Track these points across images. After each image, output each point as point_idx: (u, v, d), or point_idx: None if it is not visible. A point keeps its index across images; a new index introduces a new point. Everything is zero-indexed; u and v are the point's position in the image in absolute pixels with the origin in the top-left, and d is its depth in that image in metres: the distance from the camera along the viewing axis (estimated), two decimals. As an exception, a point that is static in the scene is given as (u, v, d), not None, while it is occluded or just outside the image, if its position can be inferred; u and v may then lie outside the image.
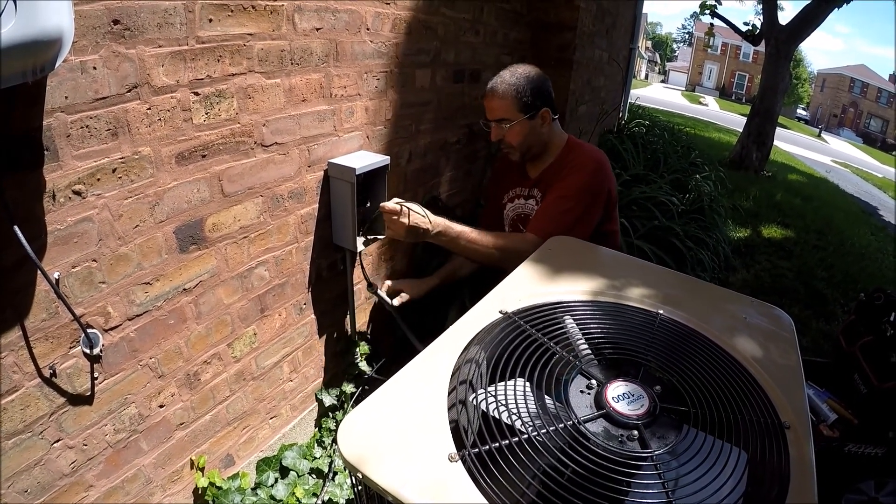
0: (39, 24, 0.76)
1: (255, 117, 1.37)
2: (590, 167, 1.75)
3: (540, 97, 1.74)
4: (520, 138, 1.76)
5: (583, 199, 1.70)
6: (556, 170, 1.81)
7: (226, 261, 1.41)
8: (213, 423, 1.52)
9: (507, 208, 1.99)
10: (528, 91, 1.72)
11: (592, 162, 1.77)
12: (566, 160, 1.80)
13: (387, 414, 0.79)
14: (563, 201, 1.70)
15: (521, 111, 1.72)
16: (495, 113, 1.75)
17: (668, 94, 34.61)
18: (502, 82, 1.73)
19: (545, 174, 1.84)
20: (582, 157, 1.78)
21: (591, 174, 1.75)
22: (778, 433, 0.79)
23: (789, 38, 8.11)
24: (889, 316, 2.34)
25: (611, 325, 1.00)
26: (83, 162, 1.03)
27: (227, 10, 1.22)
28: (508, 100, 1.72)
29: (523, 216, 1.91)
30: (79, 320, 1.07)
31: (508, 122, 1.73)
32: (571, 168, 1.76)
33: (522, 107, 1.72)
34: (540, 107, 1.75)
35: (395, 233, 1.62)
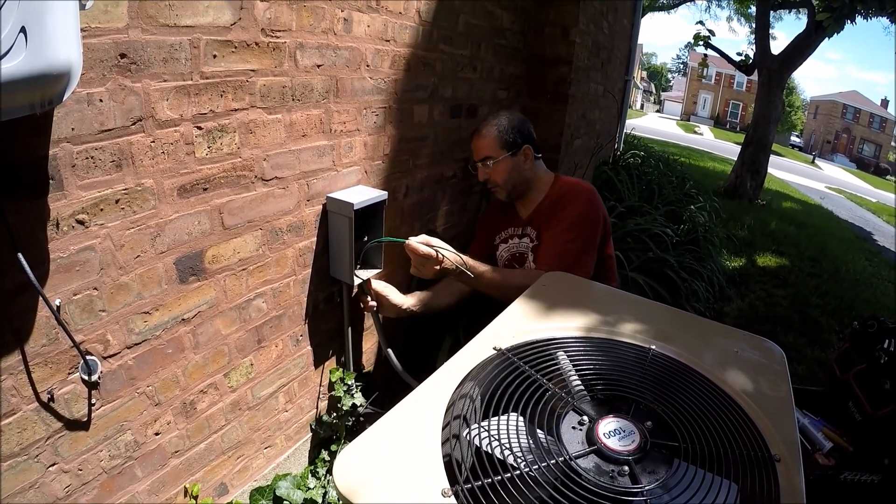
0: (49, 57, 0.77)
1: (257, 152, 1.40)
2: (583, 197, 1.82)
3: (520, 135, 1.86)
4: (504, 175, 1.86)
5: (583, 229, 1.76)
6: (548, 206, 1.88)
7: (224, 292, 1.42)
8: (207, 452, 1.52)
9: (500, 249, 2.03)
10: (509, 129, 1.85)
11: (584, 192, 1.83)
12: (557, 195, 1.87)
13: (382, 448, 0.80)
14: (565, 234, 1.75)
15: (503, 148, 1.84)
16: (480, 152, 1.87)
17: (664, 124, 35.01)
18: (485, 124, 1.87)
19: (537, 212, 1.91)
20: (573, 189, 1.86)
21: (586, 203, 1.81)
22: (768, 465, 0.80)
23: (781, 68, 8.27)
24: (883, 343, 2.36)
25: (603, 361, 1.01)
26: (87, 192, 1.05)
27: (230, 46, 1.26)
28: (490, 138, 1.84)
29: (518, 255, 1.96)
30: (78, 347, 1.08)
31: (492, 159, 1.85)
32: (565, 201, 1.83)
33: (504, 144, 1.84)
34: (521, 144, 1.86)
35: (425, 275, 1.68)
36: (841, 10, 6.65)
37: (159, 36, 1.10)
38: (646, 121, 33.07)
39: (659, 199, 4.15)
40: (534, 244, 1.89)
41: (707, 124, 45.04)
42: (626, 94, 5.45)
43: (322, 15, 1.48)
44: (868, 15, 6.88)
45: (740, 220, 6.76)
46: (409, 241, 1.62)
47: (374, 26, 1.68)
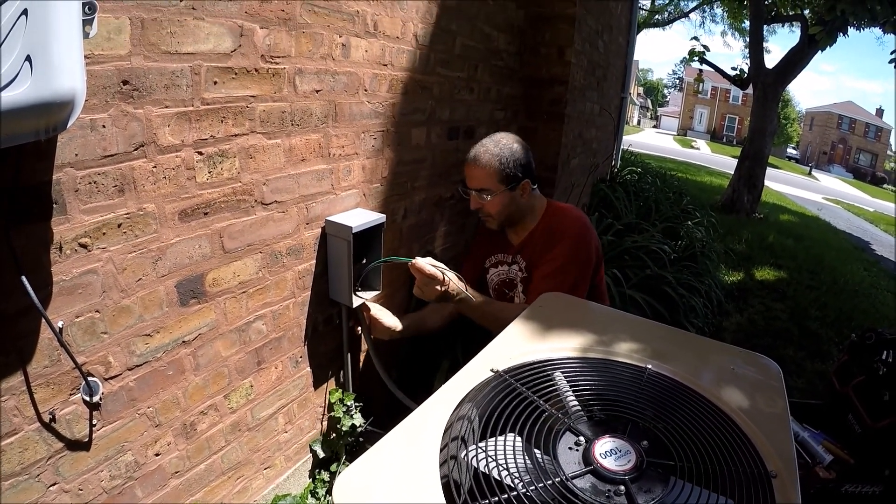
0: (54, 85, 0.78)
1: (256, 176, 1.42)
2: (575, 232, 1.77)
3: (522, 169, 1.77)
4: (499, 208, 1.78)
5: (574, 266, 1.73)
6: (539, 237, 1.83)
7: (225, 315, 1.43)
8: (207, 473, 1.52)
9: (490, 273, 2.00)
10: (511, 163, 1.74)
11: (577, 227, 1.79)
12: (549, 226, 1.82)
13: (381, 469, 0.81)
14: (557, 273, 1.72)
15: (502, 182, 1.74)
16: (476, 182, 1.77)
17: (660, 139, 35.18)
18: (485, 152, 1.74)
19: (528, 241, 1.86)
20: (565, 222, 1.80)
21: (578, 240, 1.77)
22: (765, 482, 0.81)
23: (776, 81, 8.34)
24: (881, 355, 2.37)
25: (599, 381, 1.02)
26: (90, 216, 1.07)
27: (231, 72, 1.28)
28: (490, 170, 1.73)
29: (508, 281, 1.92)
30: (80, 368, 1.09)
31: (489, 192, 1.75)
32: (558, 235, 1.78)
33: (504, 178, 1.74)
34: (521, 179, 1.77)
35: (427, 296, 1.65)
36: (833, 23, 6.73)
37: (161, 63, 1.12)
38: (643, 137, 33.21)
39: (656, 216, 4.17)
40: (524, 275, 1.85)
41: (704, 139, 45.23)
42: (623, 110, 5.50)
43: (321, 41, 1.51)
44: (861, 26, 6.96)
45: (738, 234, 6.78)
46: (415, 260, 1.61)
47: (372, 51, 1.72)
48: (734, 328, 3.91)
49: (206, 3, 1.18)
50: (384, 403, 2.07)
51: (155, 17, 1.09)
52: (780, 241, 7.13)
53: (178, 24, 1.14)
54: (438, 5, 2.00)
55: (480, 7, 2.32)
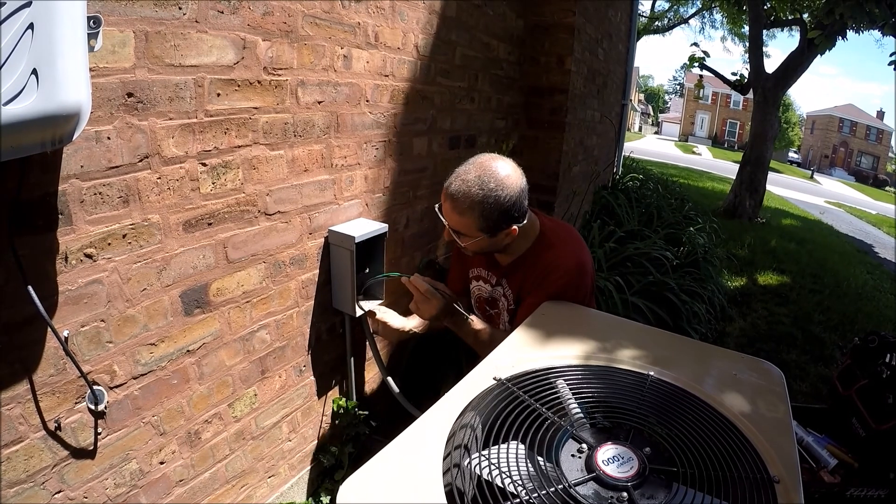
0: (60, 99, 0.80)
1: (260, 187, 1.43)
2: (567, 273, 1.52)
3: (506, 218, 1.45)
4: (476, 248, 1.54)
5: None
6: (529, 265, 1.59)
7: (228, 324, 1.44)
8: (212, 481, 1.52)
9: (472, 284, 1.83)
10: (496, 214, 1.43)
11: (571, 267, 1.53)
12: (541, 258, 1.57)
13: (385, 478, 0.81)
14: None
15: (481, 231, 1.45)
16: (452, 223, 1.49)
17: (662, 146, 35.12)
18: (466, 196, 1.42)
19: (516, 266, 1.62)
20: (558, 258, 1.55)
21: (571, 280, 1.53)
22: (767, 487, 0.81)
23: (776, 86, 8.33)
24: (884, 358, 2.36)
25: (602, 388, 1.03)
26: (95, 227, 1.08)
27: (234, 85, 1.30)
28: (469, 220, 1.44)
29: (489, 300, 1.75)
30: (85, 377, 1.10)
31: (465, 237, 1.49)
32: (550, 273, 1.53)
33: (483, 228, 1.45)
34: (506, 227, 1.47)
35: (422, 314, 1.59)
36: (832, 27, 6.74)
37: (165, 75, 1.14)
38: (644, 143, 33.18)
39: (658, 222, 4.17)
40: (510, 305, 1.66)
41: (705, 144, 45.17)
42: (624, 117, 5.51)
43: (322, 52, 1.53)
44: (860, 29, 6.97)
45: (740, 239, 6.76)
46: (413, 278, 1.54)
47: (374, 62, 1.73)
48: (737, 333, 3.90)
49: (208, 16, 1.20)
50: (387, 412, 2.08)
51: (159, 31, 1.10)
52: (783, 245, 7.11)
53: (182, 36, 1.15)
54: (438, 16, 2.02)
55: (480, 17, 2.34)
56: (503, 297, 1.69)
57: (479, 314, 1.79)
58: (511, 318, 1.66)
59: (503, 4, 2.56)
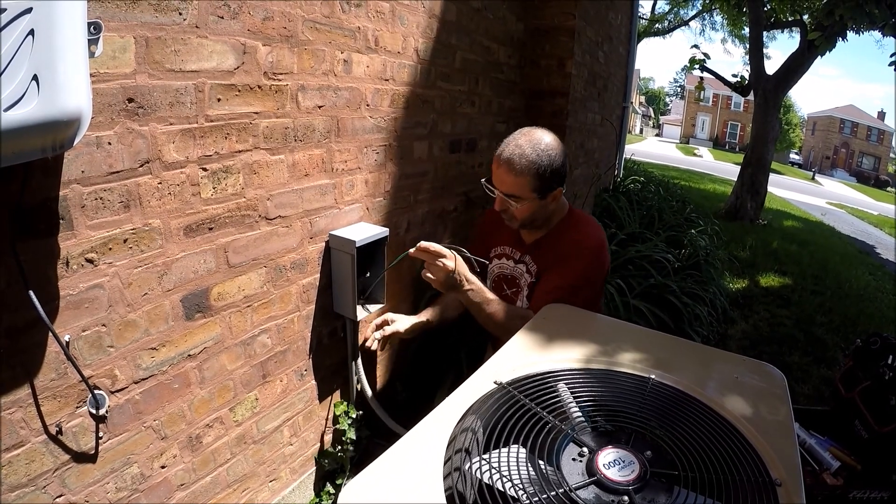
0: (60, 104, 0.80)
1: (260, 192, 1.43)
2: (591, 253, 1.64)
3: (557, 178, 1.58)
4: (527, 214, 1.62)
5: (586, 286, 1.63)
6: (553, 242, 1.69)
7: (230, 328, 1.44)
8: (213, 485, 1.52)
9: (492, 263, 1.87)
10: (548, 172, 1.55)
11: (594, 246, 1.66)
12: (566, 235, 1.68)
13: (386, 482, 0.81)
14: (568, 290, 1.57)
15: (535, 192, 1.56)
16: (506, 187, 1.58)
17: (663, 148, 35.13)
18: (521, 157, 1.53)
19: (542, 243, 1.72)
20: (583, 238, 1.66)
21: (594, 260, 1.65)
22: (769, 490, 0.80)
23: (777, 87, 8.34)
24: (886, 359, 2.36)
25: (603, 391, 1.02)
26: (96, 232, 1.08)
27: (234, 89, 1.30)
28: (525, 179, 1.55)
29: (509, 278, 1.81)
30: (87, 382, 1.10)
31: (519, 199, 1.58)
32: (574, 250, 1.64)
33: (537, 188, 1.56)
34: (555, 188, 1.60)
35: (435, 276, 1.57)
36: (832, 28, 6.74)
37: (165, 81, 1.14)
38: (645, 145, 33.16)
39: (659, 225, 4.17)
40: (531, 280, 1.73)
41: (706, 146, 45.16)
42: (625, 120, 5.51)
43: (322, 57, 1.53)
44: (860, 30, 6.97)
45: (742, 241, 6.76)
46: (419, 244, 1.53)
47: (374, 66, 1.74)
48: (739, 336, 3.90)
49: (209, 21, 1.20)
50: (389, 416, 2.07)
51: (159, 36, 1.11)
52: (785, 246, 7.11)
53: (182, 42, 1.16)
54: (438, 20, 2.02)
55: (480, 21, 2.34)
56: (526, 273, 1.75)
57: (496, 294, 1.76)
58: (531, 293, 1.72)
59: (503, 8, 2.56)
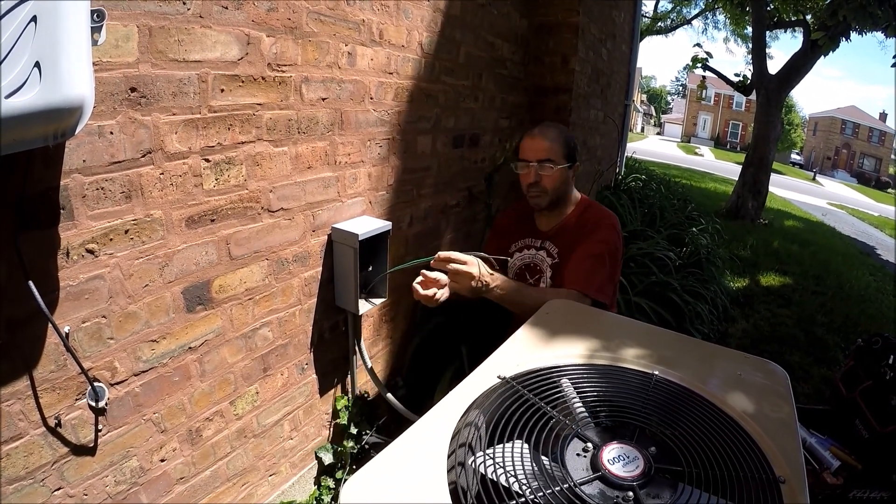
0: (63, 92, 0.79)
1: (263, 184, 1.43)
2: (610, 227, 1.81)
3: (576, 151, 1.85)
4: (556, 184, 1.79)
5: (610, 258, 1.75)
6: (574, 226, 1.85)
7: (231, 321, 1.44)
8: (212, 479, 1.52)
9: (513, 257, 1.95)
10: (571, 142, 1.82)
11: (611, 219, 1.84)
12: (584, 217, 1.85)
13: (389, 475, 0.80)
14: (595, 260, 1.72)
15: (564, 158, 1.79)
16: (542, 153, 1.76)
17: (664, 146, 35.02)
18: (549, 127, 1.81)
19: (561, 229, 1.86)
20: (600, 215, 1.85)
21: (613, 233, 1.81)
22: (773, 487, 0.80)
23: (779, 87, 8.31)
24: (888, 359, 2.35)
25: (606, 387, 1.02)
26: (97, 222, 1.07)
27: (238, 80, 1.30)
28: (557, 143, 1.78)
29: (532, 266, 1.89)
30: (86, 374, 1.09)
31: (553, 164, 1.76)
32: (594, 226, 1.80)
33: (566, 154, 1.79)
34: (575, 160, 1.84)
35: (461, 285, 1.55)
36: (835, 28, 6.72)
37: (168, 70, 1.14)
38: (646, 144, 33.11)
39: (661, 223, 4.15)
40: (554, 261, 1.85)
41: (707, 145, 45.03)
42: (627, 118, 5.49)
43: (327, 49, 1.52)
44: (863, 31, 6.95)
45: (743, 240, 6.75)
46: (438, 254, 1.51)
47: (378, 59, 1.73)
48: (740, 334, 3.89)
49: (213, 11, 1.20)
50: (390, 410, 2.07)
51: (163, 25, 1.10)
52: (785, 246, 7.10)
53: (186, 32, 1.15)
54: (443, 15, 2.02)
55: (484, 16, 2.33)
56: (547, 257, 1.87)
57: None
58: (554, 273, 1.83)
59: (507, 4, 2.55)
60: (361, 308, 1.74)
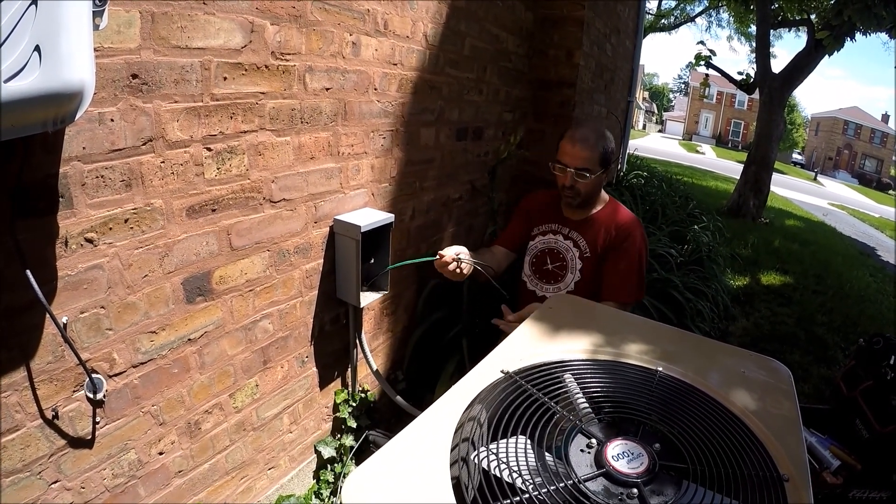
0: (63, 77, 0.77)
1: (265, 174, 1.41)
2: (640, 233, 1.91)
3: (613, 157, 1.91)
4: (590, 189, 1.88)
5: (642, 265, 1.90)
6: (605, 222, 1.93)
7: (231, 313, 1.43)
8: (211, 472, 1.51)
9: (535, 240, 2.06)
10: (611, 151, 1.88)
11: (640, 226, 1.93)
12: (615, 217, 1.94)
13: (392, 470, 0.80)
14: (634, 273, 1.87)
15: (601, 166, 1.85)
16: (579, 161, 1.83)
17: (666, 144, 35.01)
18: (592, 135, 1.85)
19: (592, 222, 1.95)
20: (632, 220, 1.93)
21: (644, 240, 1.92)
22: (777, 486, 0.79)
23: (783, 86, 8.30)
24: (889, 360, 2.35)
25: (610, 383, 1.01)
26: (97, 211, 1.06)
27: (241, 69, 1.28)
28: (597, 153, 1.84)
29: (555, 252, 2.00)
30: (84, 365, 1.08)
31: (590, 173, 1.83)
32: (625, 230, 1.90)
33: (603, 163, 1.86)
34: (609, 164, 1.89)
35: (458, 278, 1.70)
36: (840, 28, 6.70)
37: (171, 57, 1.12)
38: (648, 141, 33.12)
39: (663, 220, 4.14)
40: (584, 254, 1.94)
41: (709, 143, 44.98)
42: (629, 114, 5.47)
43: (331, 39, 1.51)
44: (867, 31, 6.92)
45: (744, 238, 6.74)
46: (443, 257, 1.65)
47: (382, 50, 1.71)
48: (740, 333, 3.89)
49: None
50: (389, 405, 2.07)
51: (165, 11, 1.08)
52: (786, 245, 7.09)
53: (189, 18, 1.13)
54: (448, 6, 2.00)
55: (489, 8, 2.32)
56: (573, 247, 1.96)
57: (535, 269, 2.05)
58: (583, 265, 1.95)
59: (512, -4, 2.53)
60: (363, 301, 1.73)
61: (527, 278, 2.04)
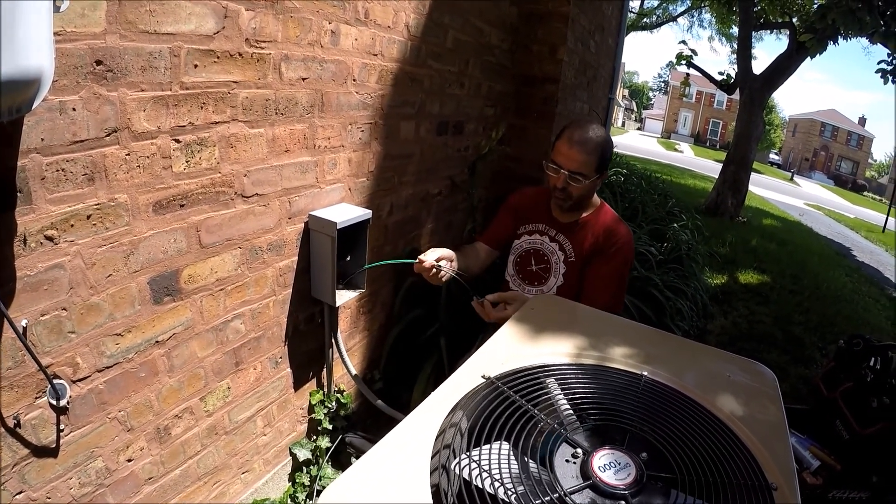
0: (18, 62, 0.73)
1: (237, 167, 1.36)
2: (628, 242, 1.85)
3: (609, 162, 1.84)
4: (582, 192, 1.79)
5: (624, 277, 1.87)
6: (595, 228, 1.86)
7: (201, 313, 1.38)
8: (183, 478, 1.47)
9: (521, 238, 1.99)
10: (608, 154, 1.80)
11: (629, 237, 1.86)
12: (606, 224, 1.86)
13: (372, 476, 0.77)
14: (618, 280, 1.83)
15: (597, 171, 1.77)
16: (575, 165, 1.74)
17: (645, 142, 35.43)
18: (594, 136, 1.75)
19: (578, 226, 1.88)
20: (622, 230, 1.86)
21: (630, 251, 1.87)
22: (765, 494, 0.78)
23: (763, 87, 8.45)
24: (868, 361, 2.38)
25: (595, 388, 0.99)
26: (57, 206, 1.01)
27: (213, 56, 1.23)
28: (594, 158, 1.75)
29: (540, 253, 1.94)
30: (45, 371, 1.03)
31: (585, 178, 1.75)
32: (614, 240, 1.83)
33: (598, 168, 1.77)
34: (605, 169, 1.82)
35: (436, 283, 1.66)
36: (824, 31, 6.79)
37: (138, 43, 1.07)
38: (627, 138, 33.47)
39: (643, 218, 4.17)
40: (568, 259, 1.89)
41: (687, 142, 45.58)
42: (609, 112, 5.49)
43: (309, 26, 1.46)
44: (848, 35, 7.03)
45: (722, 237, 6.83)
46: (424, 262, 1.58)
47: (362, 40, 1.66)
48: (718, 331, 3.92)
49: (187, -20, 1.12)
50: (366, 406, 2.03)
51: (133, -6, 1.02)
52: (764, 245, 7.21)
53: (159, 1, 1.08)
54: (431, -4, 1.95)
55: (474, 1, 2.28)
56: (559, 250, 1.91)
57: (518, 269, 1.98)
58: (567, 269, 1.90)
59: (497, -10, 2.49)
60: (339, 299, 1.69)
61: (510, 278, 2.00)
